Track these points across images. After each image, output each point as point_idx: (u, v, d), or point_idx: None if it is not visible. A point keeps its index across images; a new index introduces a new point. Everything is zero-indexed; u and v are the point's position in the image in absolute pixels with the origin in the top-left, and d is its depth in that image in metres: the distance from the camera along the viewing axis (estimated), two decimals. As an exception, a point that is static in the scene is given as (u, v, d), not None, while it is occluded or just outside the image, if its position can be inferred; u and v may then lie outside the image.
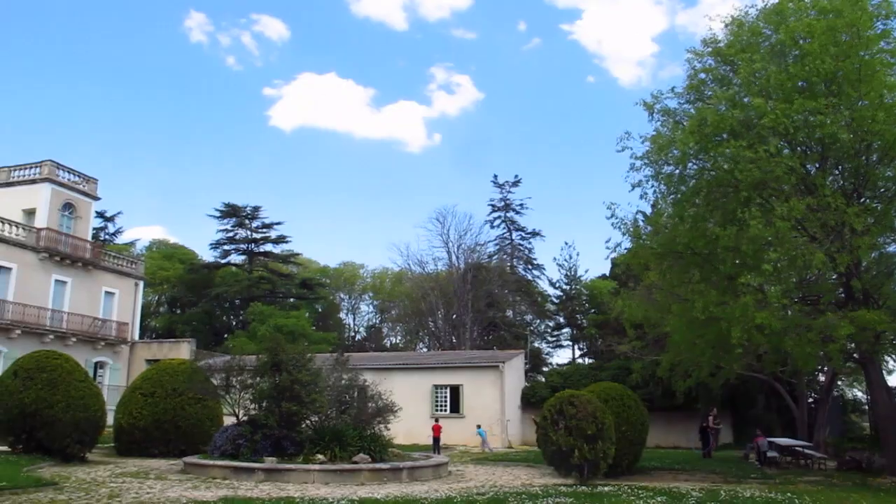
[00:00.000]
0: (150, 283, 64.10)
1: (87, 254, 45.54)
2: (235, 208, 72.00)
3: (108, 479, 17.67)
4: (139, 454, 25.11)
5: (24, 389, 21.70)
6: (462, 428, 37.83)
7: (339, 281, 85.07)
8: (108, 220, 72.27)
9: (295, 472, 18.41)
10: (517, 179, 73.35)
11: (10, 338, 39.44)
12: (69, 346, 41.17)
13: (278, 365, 20.59)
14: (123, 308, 47.88)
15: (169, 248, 78.75)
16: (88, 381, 23.86)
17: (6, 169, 45.91)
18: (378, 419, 21.96)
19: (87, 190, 47.33)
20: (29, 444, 22.03)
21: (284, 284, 71.54)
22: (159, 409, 25.48)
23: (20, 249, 41.31)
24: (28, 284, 41.37)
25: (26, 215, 44.02)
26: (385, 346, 76.79)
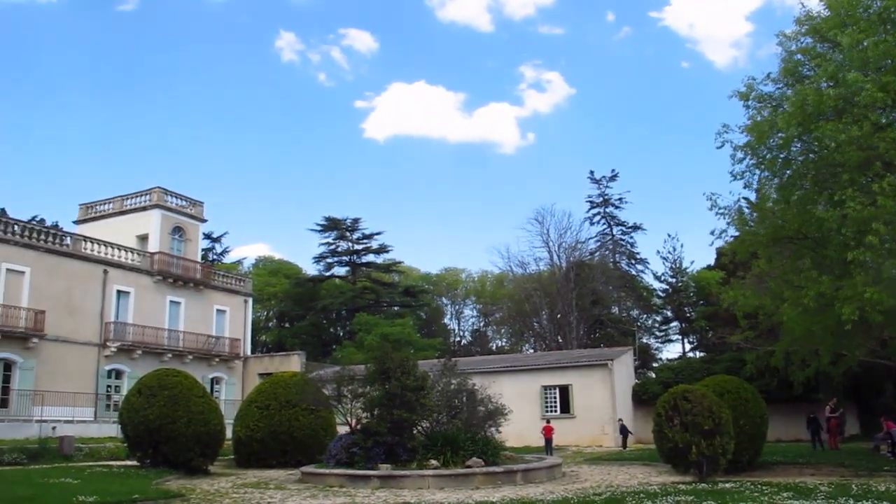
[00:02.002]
0: (259, 299, 65.95)
1: (198, 274, 47.27)
2: (336, 221, 73.36)
3: (231, 490, 18.17)
4: (258, 465, 25.75)
5: (148, 407, 22.59)
6: (573, 428, 37.43)
7: (441, 287, 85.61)
8: (214, 240, 74.75)
9: (409, 479, 18.52)
10: (614, 174, 72.37)
11: (132, 358, 41.32)
12: (186, 363, 42.78)
13: (387, 373, 20.77)
14: (235, 324, 49.43)
15: (274, 265, 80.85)
16: (207, 397, 24.68)
17: (119, 198, 48.19)
18: (489, 422, 21.88)
19: (194, 213, 49.13)
20: (156, 458, 22.90)
21: (388, 293, 72.47)
22: (275, 421, 26.07)
23: (136, 273, 43.27)
24: (145, 306, 43.26)
25: (140, 241, 46.06)
26: (491, 349, 76.78)
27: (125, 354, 41.36)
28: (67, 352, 38.74)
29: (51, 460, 26.03)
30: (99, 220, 48.25)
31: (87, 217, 49.02)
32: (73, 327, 39.20)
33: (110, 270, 41.85)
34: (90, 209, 49.39)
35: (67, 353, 38.73)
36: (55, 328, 37.87)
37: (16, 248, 37.47)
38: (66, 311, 39.01)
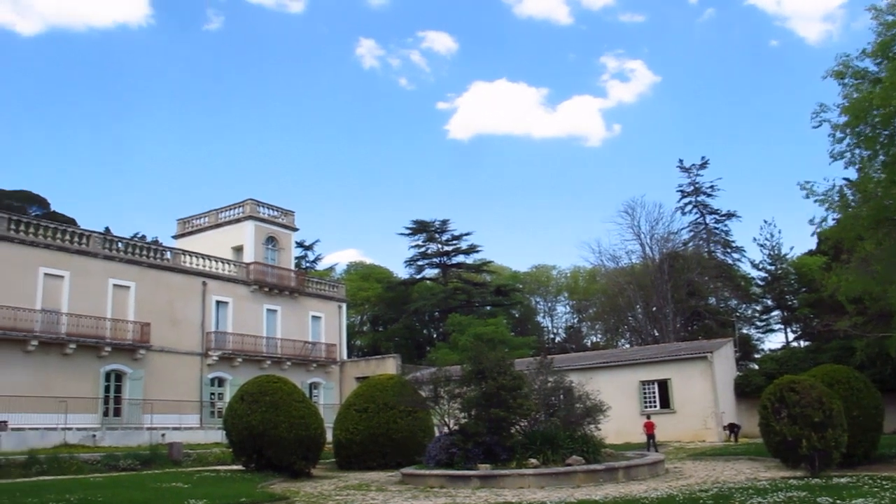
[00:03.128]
0: (352, 304, 66.92)
1: (292, 282, 48.26)
2: (424, 224, 73.80)
3: (334, 493, 18.42)
4: (358, 467, 26.09)
5: (250, 413, 23.17)
6: (674, 423, 36.63)
7: (532, 285, 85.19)
8: (307, 248, 76.19)
9: (509, 478, 18.43)
10: (704, 161, 70.57)
11: (233, 366, 42.49)
12: (285, 369, 43.72)
13: (483, 373, 20.73)
14: (330, 330, 50.27)
15: (366, 269, 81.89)
16: (307, 402, 25.16)
17: (214, 211, 49.66)
18: (587, 419, 21.58)
19: (286, 223, 50.20)
20: (260, 463, 23.47)
21: (479, 293, 72.48)
22: (373, 424, 26.35)
23: (233, 284, 44.50)
24: (243, 316, 44.45)
25: (235, 252, 47.36)
26: (586, 345, 75.97)
27: (226, 362, 42.57)
28: (172, 362, 40.12)
29: (162, 466, 26.94)
30: (196, 234, 49.87)
31: (185, 231, 50.70)
32: (176, 338, 40.56)
33: (209, 282, 43.14)
34: (187, 224, 51.06)
35: (172, 362, 40.11)
36: (160, 339, 39.26)
37: (121, 265, 39.02)
38: (170, 322, 40.39)
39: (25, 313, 33.93)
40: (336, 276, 77.22)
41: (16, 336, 33.28)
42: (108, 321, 37.23)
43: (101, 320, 36.89)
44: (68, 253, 36.90)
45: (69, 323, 35.53)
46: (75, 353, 35.43)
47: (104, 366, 36.86)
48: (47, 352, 34.55)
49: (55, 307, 35.56)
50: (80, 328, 35.81)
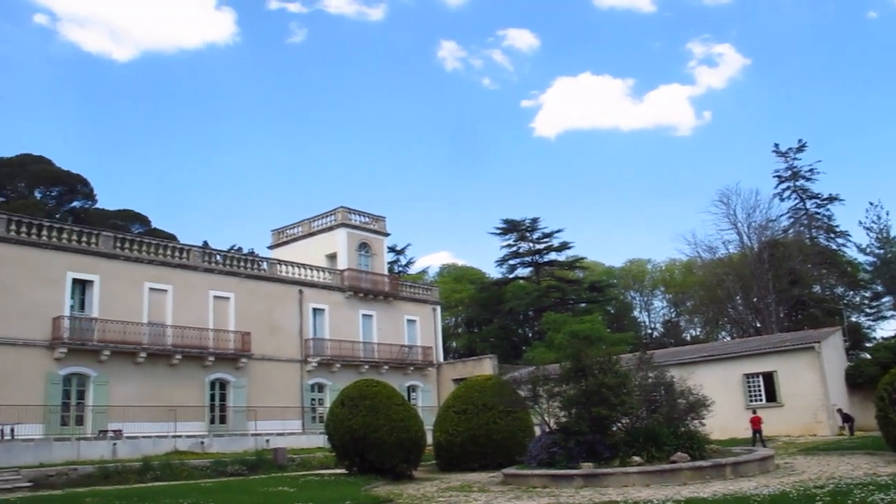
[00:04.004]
0: (446, 307, 67.10)
1: (386, 287, 48.77)
2: (515, 223, 73.53)
3: (437, 494, 18.44)
4: (459, 469, 26.05)
5: (351, 417, 23.50)
6: (781, 417, 35.36)
7: (627, 280, 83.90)
8: (398, 253, 76.89)
9: (613, 476, 18.10)
10: (802, 144, 67.98)
11: (332, 371, 43.21)
12: (383, 373, 44.18)
13: (583, 370, 20.45)
14: (425, 333, 50.57)
15: (458, 271, 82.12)
16: (406, 405, 25.35)
17: (307, 221, 50.67)
18: (691, 415, 21.01)
19: (378, 228, 50.79)
20: (362, 466, 23.74)
21: (573, 290, 71.77)
22: (473, 425, 26.28)
23: (329, 291, 45.28)
24: (339, 321, 45.17)
25: (329, 259, 48.18)
26: (684, 339, 74.29)
27: (325, 368, 43.31)
28: (273, 369, 41.05)
29: (267, 470, 27.57)
30: (290, 244, 50.96)
31: (280, 241, 51.88)
32: (276, 346, 41.49)
33: (305, 290, 43.99)
34: (281, 234, 52.23)
35: (273, 370, 41.03)
36: (260, 348, 40.22)
37: (220, 276, 40.18)
38: (269, 331, 41.34)
39: (134, 327, 35.31)
40: (429, 279, 77.72)
41: (126, 349, 34.67)
42: (210, 332, 38.38)
43: (203, 331, 38.07)
44: (170, 267, 38.21)
45: (174, 335, 36.80)
46: (181, 363, 36.66)
47: (209, 375, 38.01)
48: (155, 363, 35.85)
49: (161, 320, 36.88)
50: (185, 339, 37.04)
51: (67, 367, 33.17)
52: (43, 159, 66.31)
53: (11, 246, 32.88)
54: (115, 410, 33.34)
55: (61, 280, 34.04)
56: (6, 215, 34.25)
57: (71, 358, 33.20)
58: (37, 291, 32.98)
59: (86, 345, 33.52)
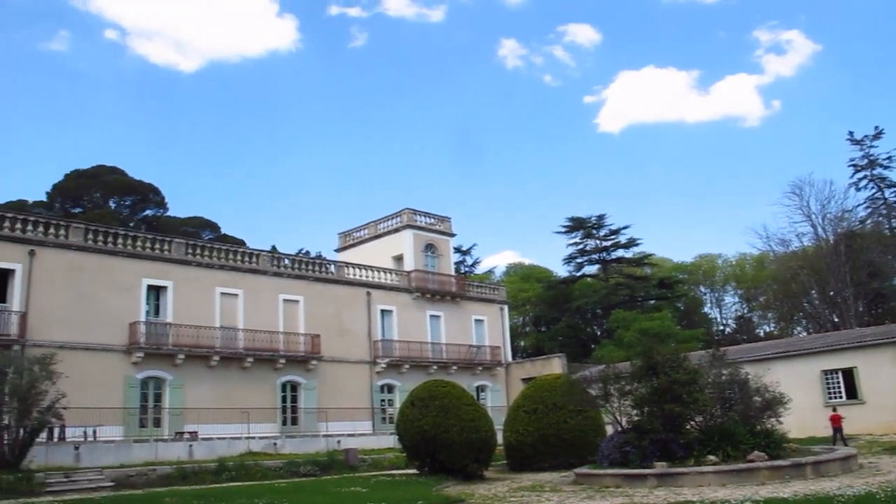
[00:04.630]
0: (514, 306, 66.91)
1: (453, 287, 48.83)
2: (580, 221, 72.89)
3: (508, 494, 18.36)
4: (530, 469, 25.92)
5: (421, 417, 23.60)
6: (863, 415, 34.19)
7: (697, 275, 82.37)
8: (464, 253, 76.93)
9: (688, 476, 17.77)
10: (878, 131, 65.51)
11: (400, 372, 43.44)
12: (451, 374, 44.23)
13: (654, 368, 20.14)
14: (493, 333, 50.47)
15: (525, 270, 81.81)
16: (476, 405, 25.35)
17: (373, 223, 51.07)
18: (767, 413, 20.54)
19: (443, 229, 50.88)
20: (433, 466, 23.81)
21: (642, 287, 70.82)
22: (543, 425, 26.12)
23: (396, 292, 45.55)
24: (407, 322, 45.40)
25: (395, 261, 48.46)
26: (758, 335, 72.56)
27: (394, 369, 43.56)
28: (342, 371, 41.46)
29: (339, 471, 27.87)
30: (357, 246, 51.45)
31: (346, 244, 52.40)
32: (345, 348, 41.89)
33: (372, 292, 44.33)
34: (348, 237, 52.74)
35: (342, 371, 41.44)
36: (330, 350, 40.65)
37: (289, 280, 40.76)
38: (338, 333, 41.76)
39: (206, 331, 36.06)
40: (495, 278, 77.57)
41: (199, 353, 35.42)
42: (280, 335, 38.96)
43: (274, 334, 38.67)
44: (240, 272, 38.92)
45: (245, 338, 37.46)
46: (253, 366, 37.30)
47: (280, 377, 38.58)
48: (228, 366, 36.55)
49: (232, 324, 37.57)
50: (256, 342, 37.67)
51: (144, 371, 34.06)
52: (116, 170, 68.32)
53: (89, 254, 33.92)
54: (190, 413, 34.13)
55: (137, 287, 34.97)
56: (83, 225, 35.40)
57: (147, 362, 34.09)
58: (114, 298, 33.95)
59: (161, 349, 34.38)
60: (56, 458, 26.72)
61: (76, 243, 33.70)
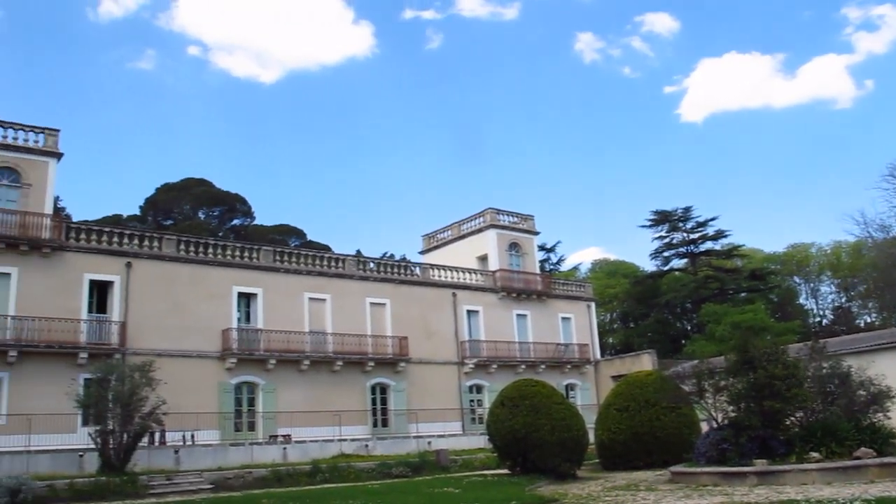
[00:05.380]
0: (600, 303, 66.07)
1: (539, 286, 48.50)
2: (666, 214, 71.51)
3: (602, 494, 18.08)
4: (623, 468, 25.50)
5: (512, 417, 23.49)
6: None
7: (790, 266, 79.77)
8: (549, 251, 76.32)
9: (790, 473, 17.19)
10: (982, 109, 62.39)
11: (488, 372, 43.39)
12: (539, 373, 43.93)
13: (750, 362, 19.53)
14: (580, 330, 49.92)
15: (611, 266, 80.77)
16: (566, 403, 25.10)
17: (456, 224, 51.17)
18: (873, 407, 19.62)
19: (527, 227, 50.60)
20: (524, 466, 23.67)
21: (733, 280, 68.99)
22: (635, 422, 25.66)
23: (482, 293, 45.50)
24: (494, 322, 45.30)
25: (479, 261, 48.42)
26: (858, 326, 69.83)
27: (482, 370, 43.50)
28: (430, 372, 41.62)
29: (431, 472, 27.93)
30: (441, 248, 51.61)
31: (430, 246, 52.62)
32: (432, 349, 42.04)
33: (458, 293, 44.38)
34: (432, 239, 52.96)
35: (431, 373, 41.60)
36: (417, 351, 40.86)
37: (375, 284, 41.16)
38: (425, 334, 41.94)
39: (296, 336, 36.71)
40: (581, 275, 76.83)
41: (290, 357, 36.07)
42: (368, 338, 39.38)
43: (362, 337, 39.11)
44: (327, 277, 39.50)
45: (334, 342, 37.97)
46: (342, 369, 37.77)
47: (369, 380, 38.97)
48: (318, 370, 37.12)
49: (321, 328, 38.15)
50: (345, 346, 38.15)
51: (238, 377, 34.89)
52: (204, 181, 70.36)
53: (182, 264, 34.98)
54: (282, 416, 34.79)
55: (228, 294, 35.87)
56: (175, 236, 36.56)
57: (240, 367, 34.91)
58: (206, 306, 34.91)
59: (253, 354, 35.15)
60: (157, 461, 27.61)
61: (169, 254, 34.82)
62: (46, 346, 30.06)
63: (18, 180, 32.14)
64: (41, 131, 33.20)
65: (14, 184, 32.09)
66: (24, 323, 30.05)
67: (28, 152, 32.57)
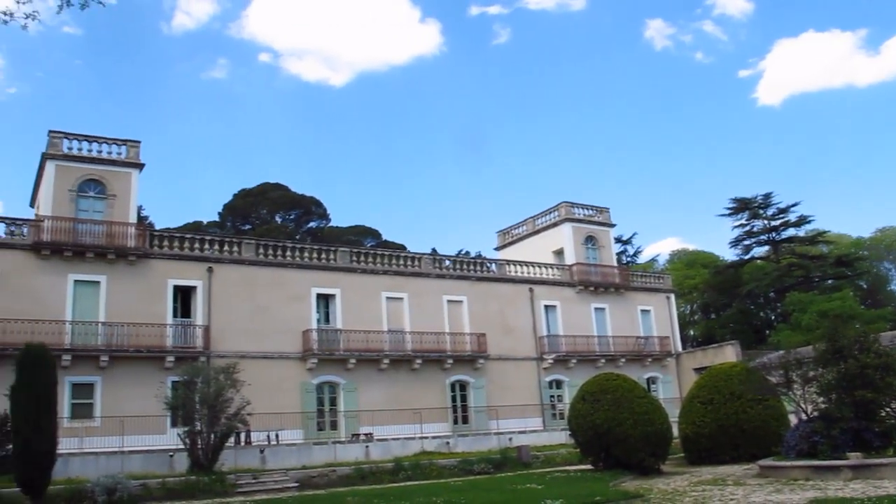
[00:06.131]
0: (680, 294, 64.84)
1: (616, 279, 47.89)
2: (745, 201, 69.65)
3: (688, 489, 17.74)
4: (709, 462, 24.99)
5: (593, 412, 23.24)
6: None
7: (879, 251, 76.85)
8: (625, 243, 75.25)
9: (887, 467, 16.61)
10: None
11: (568, 367, 43.01)
12: (620, 367, 43.37)
13: (840, 351, 18.90)
14: (660, 323, 49.10)
15: (690, 256, 79.16)
16: (648, 397, 24.73)
17: (530, 219, 50.90)
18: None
19: (602, 220, 49.98)
20: (608, 461, 23.39)
21: (818, 267, 66.80)
22: (720, 415, 25.13)
23: (559, 287, 45.16)
24: (572, 317, 44.89)
25: (555, 255, 48.06)
26: (956, 311, 66.85)
27: (561, 365, 43.17)
28: (509, 368, 41.50)
29: (512, 468, 27.82)
30: (516, 243, 51.43)
31: (506, 242, 52.49)
32: (510, 345, 41.91)
33: (535, 288, 44.12)
34: (507, 234, 52.82)
35: (510, 369, 41.48)
36: (496, 348, 40.79)
37: (451, 281, 41.25)
38: (503, 330, 41.84)
39: (375, 335, 37.08)
40: (659, 267, 75.53)
41: (369, 356, 36.45)
42: (447, 335, 39.49)
43: (440, 335, 39.25)
44: (404, 276, 39.77)
45: (413, 340, 38.20)
46: (421, 367, 37.98)
47: (448, 377, 39.08)
48: (397, 368, 37.41)
49: (399, 327, 38.44)
50: (423, 344, 38.34)
51: (319, 377, 35.42)
52: (280, 186, 71.69)
53: (262, 268, 35.74)
54: (364, 415, 35.19)
55: (307, 296, 36.45)
56: (255, 240, 37.35)
57: (321, 367, 35.44)
58: (286, 308, 35.55)
59: (333, 354, 35.63)
60: (244, 460, 28.23)
61: (249, 258, 35.60)
62: (135, 351, 31.17)
63: (104, 192, 33.33)
64: (123, 143, 34.37)
65: (100, 195, 33.28)
66: (114, 329, 31.22)
67: (112, 164, 33.78)
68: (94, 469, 24.69)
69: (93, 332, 30.99)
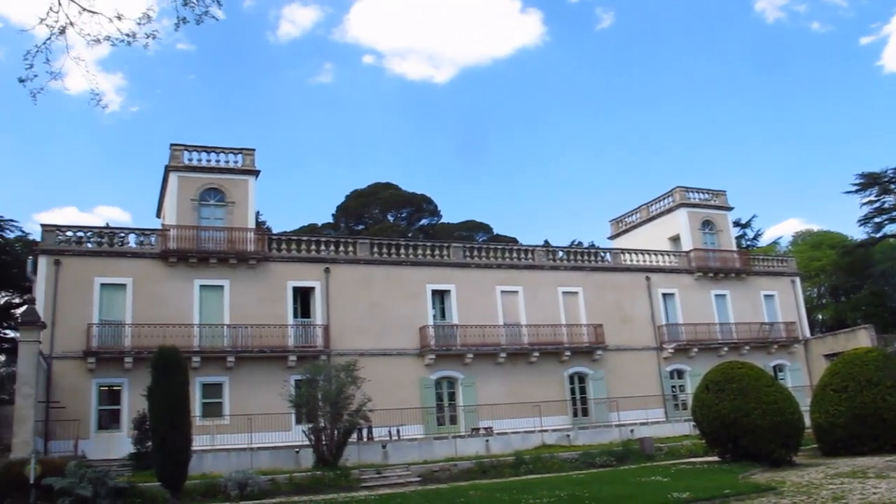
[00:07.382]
0: (805, 277, 62.22)
1: (737, 263, 46.31)
2: (874, 176, 66.01)
3: (825, 482, 16.96)
4: (846, 453, 23.82)
5: (718, 402, 22.60)
6: None
7: None
8: (744, 226, 72.75)
9: None
10: None
11: (689, 356, 41.93)
12: (743, 354, 41.97)
13: None
14: (785, 307, 47.22)
15: (814, 237, 75.84)
16: (776, 386, 23.86)
17: (644, 206, 49.83)
18: None
19: (719, 203, 48.43)
20: (735, 452, 22.69)
21: (958, 243, 62.85)
22: (856, 404, 23.90)
23: (676, 274, 44.02)
24: (691, 305, 43.68)
25: (671, 242, 46.88)
26: None
27: (682, 354, 42.10)
28: (628, 359, 40.74)
29: (635, 461, 27.34)
30: (630, 231, 50.46)
31: (619, 231, 51.57)
32: (628, 335, 41.14)
33: (652, 276, 43.16)
34: (620, 223, 51.88)
35: (628, 360, 40.73)
36: (614, 338, 40.12)
37: (566, 273, 40.82)
38: (620, 321, 41.12)
39: (491, 329, 37.09)
40: (781, 249, 72.65)
41: (486, 351, 36.49)
42: (563, 327, 39.12)
43: (556, 327, 38.92)
44: (518, 269, 39.61)
45: (529, 333, 38.04)
46: (539, 360, 37.76)
47: (566, 369, 38.71)
48: (514, 362, 37.31)
49: (514, 320, 38.33)
50: (539, 337, 38.12)
51: (437, 372, 35.73)
52: (391, 185, 72.67)
53: (377, 266, 36.35)
54: (483, 409, 35.25)
55: (422, 292, 36.82)
56: (369, 240, 38.03)
57: (439, 363, 35.74)
58: (402, 305, 36.02)
59: (450, 350, 35.86)
60: (366, 456, 28.76)
61: (364, 257, 36.25)
62: (259, 351, 32.29)
63: (224, 199, 34.61)
64: (239, 152, 35.61)
65: (220, 203, 34.59)
66: (238, 330, 32.42)
67: (230, 172, 35.06)
68: (225, 465, 25.75)
69: (219, 334, 32.27)
